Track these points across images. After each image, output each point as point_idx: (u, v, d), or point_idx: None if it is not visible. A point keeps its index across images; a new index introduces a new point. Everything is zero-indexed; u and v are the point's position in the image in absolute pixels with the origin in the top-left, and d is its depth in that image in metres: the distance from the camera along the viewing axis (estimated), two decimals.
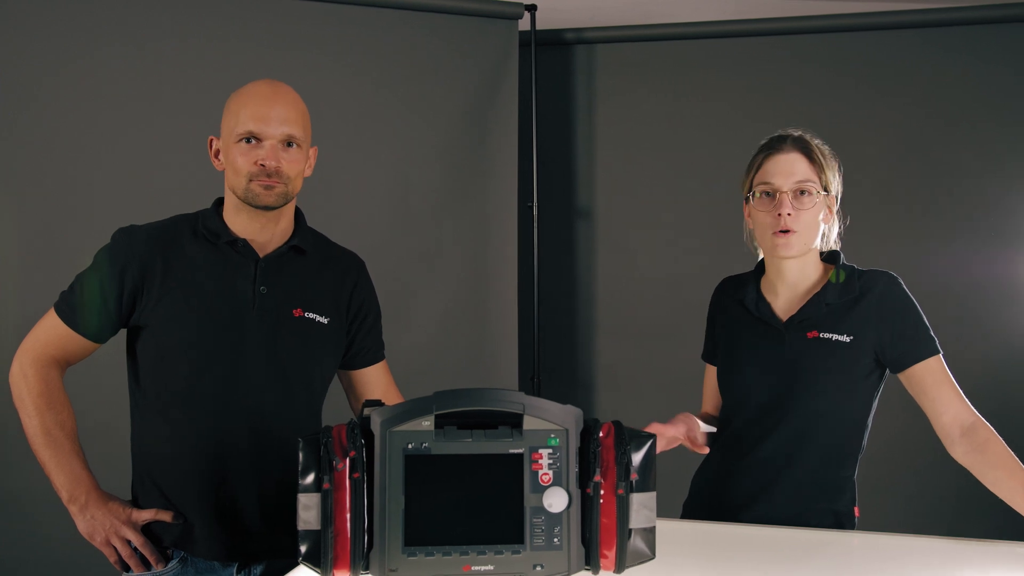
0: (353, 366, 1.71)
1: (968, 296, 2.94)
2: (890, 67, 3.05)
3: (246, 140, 1.50)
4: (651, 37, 3.26)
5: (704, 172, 3.22)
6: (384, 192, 2.89)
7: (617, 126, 3.30)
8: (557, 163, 3.31)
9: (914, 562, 1.38)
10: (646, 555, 1.16)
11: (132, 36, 2.62)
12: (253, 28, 2.73)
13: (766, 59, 3.15)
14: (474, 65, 2.99)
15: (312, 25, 2.79)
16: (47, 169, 2.55)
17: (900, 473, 2.86)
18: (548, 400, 1.14)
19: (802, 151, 1.62)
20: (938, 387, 1.56)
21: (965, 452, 1.52)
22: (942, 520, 2.86)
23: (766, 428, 1.64)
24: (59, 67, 2.56)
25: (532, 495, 1.12)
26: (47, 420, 1.51)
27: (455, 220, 2.99)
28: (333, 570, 1.09)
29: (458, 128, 2.99)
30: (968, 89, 2.99)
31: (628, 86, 3.29)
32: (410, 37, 2.90)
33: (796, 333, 1.63)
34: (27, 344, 1.55)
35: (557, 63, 3.30)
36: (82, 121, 2.57)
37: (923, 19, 3.02)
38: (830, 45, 3.09)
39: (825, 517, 1.62)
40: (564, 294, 3.34)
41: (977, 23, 2.97)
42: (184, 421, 1.51)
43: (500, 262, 3.05)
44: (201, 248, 1.54)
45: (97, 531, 1.49)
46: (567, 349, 3.35)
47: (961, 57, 2.99)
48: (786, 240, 1.60)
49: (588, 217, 3.35)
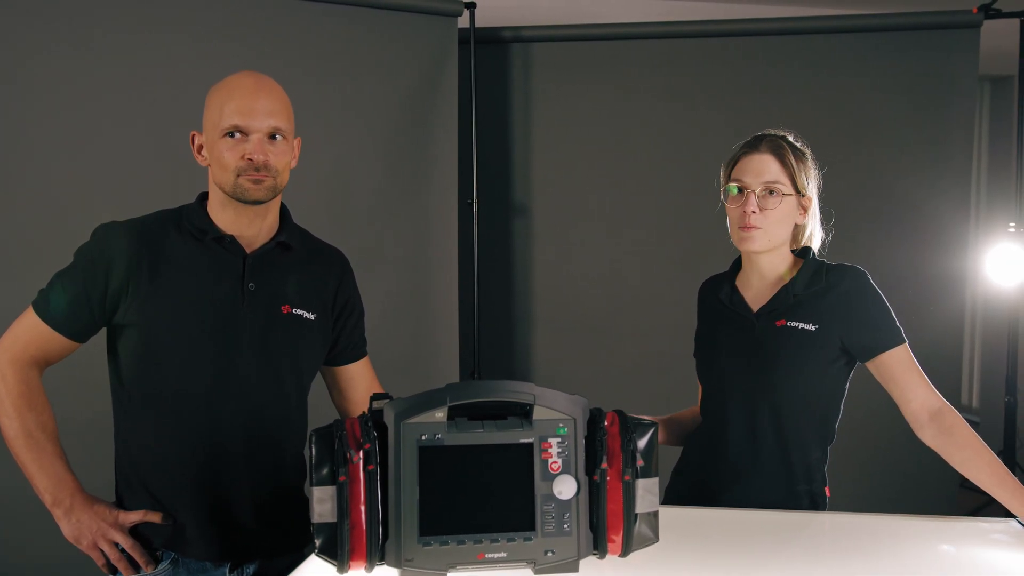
0: (338, 362, 1.71)
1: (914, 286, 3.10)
2: (808, 69, 3.22)
3: (231, 134, 1.48)
4: (586, 37, 3.36)
5: (639, 168, 3.32)
6: (323, 189, 2.87)
7: (554, 123, 3.38)
8: (496, 160, 3.35)
9: (887, 539, 1.45)
10: (651, 539, 1.20)
11: (91, 32, 2.56)
12: (199, 20, 2.67)
13: (694, 59, 3.29)
14: (414, 61, 3.01)
15: (253, 18, 2.76)
16: (23, 165, 2.48)
17: (869, 456, 2.98)
18: (556, 391, 1.17)
19: (775, 153, 1.69)
20: (906, 375, 1.64)
21: (933, 435, 1.60)
22: (909, 500, 3.01)
23: (739, 413, 1.71)
24: (39, 62, 2.49)
25: (542, 483, 1.15)
26: (28, 422, 1.46)
27: (395, 216, 3.00)
28: (350, 562, 1.10)
29: (398, 124, 3.01)
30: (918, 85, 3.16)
31: (564, 84, 3.36)
32: (349, 32, 2.90)
33: (765, 322, 1.71)
34: (4, 344, 1.50)
35: (495, 61, 3.36)
36: (57, 116, 2.51)
37: (855, 24, 3.23)
38: (756, 45, 3.26)
39: (801, 499, 1.69)
40: (503, 290, 3.40)
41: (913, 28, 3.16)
42: (173, 420, 1.49)
43: (440, 258, 3.08)
44: (187, 244, 1.52)
45: (83, 535, 1.46)
46: (506, 344, 3.41)
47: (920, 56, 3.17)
48: (749, 235, 1.68)
49: (526, 213, 3.40)
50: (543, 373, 3.39)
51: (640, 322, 3.32)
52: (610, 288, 3.33)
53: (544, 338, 3.41)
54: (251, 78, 1.51)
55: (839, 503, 1.76)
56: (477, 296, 3.18)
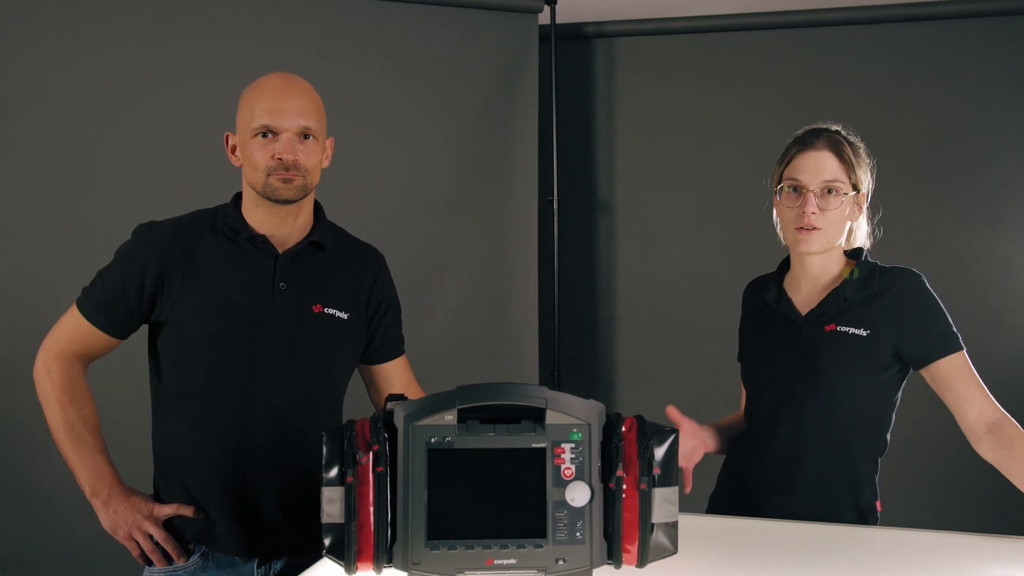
0: (373, 361, 1.71)
1: (1003, 291, 2.92)
2: (916, 58, 3.02)
3: (262, 135, 1.49)
4: (672, 30, 3.24)
5: (725, 165, 3.20)
6: (404, 187, 2.89)
7: (637, 120, 3.29)
8: (577, 157, 3.30)
9: (938, 558, 1.37)
10: (668, 550, 1.15)
11: (149, 31, 2.63)
12: (269, 23, 2.74)
13: (787, 51, 3.13)
14: (494, 59, 2.99)
15: (329, 20, 2.79)
16: (69, 165, 2.57)
17: (924, 469, 2.84)
18: (570, 395, 1.14)
19: (833, 149, 1.61)
20: (962, 383, 1.55)
21: (991, 448, 1.51)
22: (967, 517, 2.84)
23: (784, 420, 1.64)
24: (76, 64, 2.57)
25: (554, 489, 1.11)
26: (70, 415, 1.51)
27: (475, 215, 2.99)
28: (357, 563, 1.10)
29: (478, 122, 2.99)
30: (993, 80, 2.96)
31: (648, 79, 3.27)
32: (429, 32, 2.90)
33: (814, 326, 1.64)
34: (50, 340, 1.56)
35: (577, 57, 3.29)
36: (101, 117, 2.59)
37: (947, 11, 3.00)
38: (852, 36, 3.07)
39: (848, 511, 1.61)
40: (584, 288, 3.34)
41: (1000, 14, 2.95)
42: (205, 417, 1.51)
43: (520, 257, 3.05)
44: (220, 244, 1.55)
45: (119, 525, 1.50)
46: (587, 343, 3.35)
47: (985, 48, 2.96)
48: (808, 237, 1.61)
49: (608, 211, 3.34)
50: (625, 373, 3.32)
51: (725, 322, 3.19)
52: (695, 287, 3.24)
53: (627, 337, 3.34)
54: (281, 78, 1.52)
55: (894, 519, 1.67)
56: (557, 294, 3.15)
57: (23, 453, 2.45)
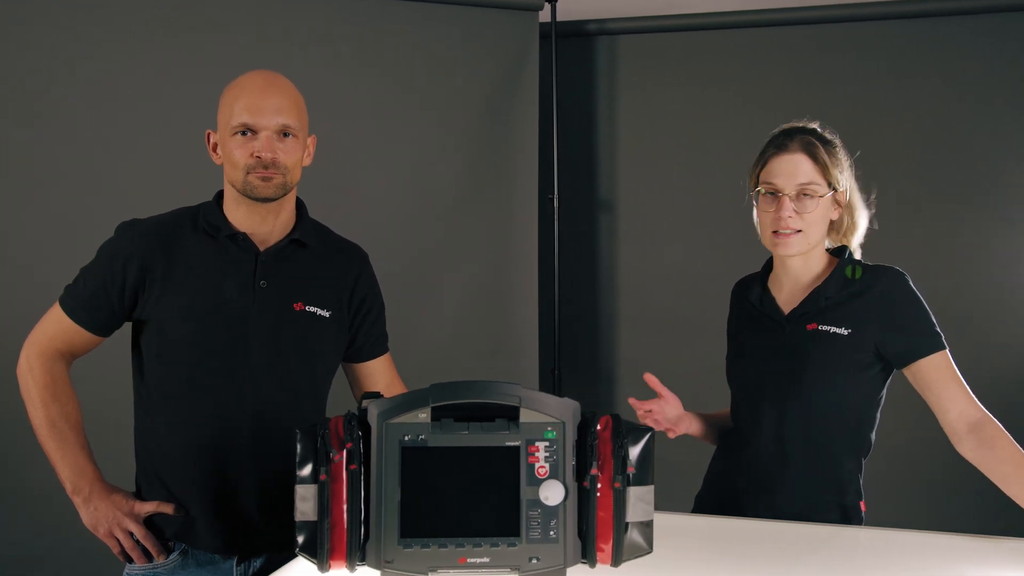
0: (357, 359, 1.71)
1: (1002, 289, 2.91)
2: (912, 55, 3.01)
3: (241, 132, 1.49)
4: (673, 28, 3.22)
5: (727, 163, 3.16)
6: (404, 186, 2.89)
7: (639, 118, 3.28)
8: (578, 155, 3.29)
9: (921, 558, 1.37)
10: (643, 549, 1.15)
11: (149, 31, 2.62)
12: (269, 23, 2.73)
13: (789, 48, 3.12)
14: (494, 57, 2.99)
15: (329, 19, 2.79)
16: (69, 165, 2.56)
17: (908, 470, 2.83)
18: (545, 393, 1.14)
19: (806, 151, 1.61)
20: (943, 383, 1.55)
21: (972, 448, 1.51)
22: (951, 518, 2.83)
23: (768, 419, 1.65)
24: (76, 64, 2.56)
25: (528, 488, 1.11)
26: (52, 412, 1.52)
27: (475, 213, 2.99)
28: (329, 561, 1.09)
29: (478, 121, 2.99)
30: (989, 78, 2.95)
31: (650, 77, 3.25)
32: (429, 30, 2.90)
33: (796, 325, 1.64)
34: (33, 337, 1.56)
35: (578, 54, 3.28)
36: (86, 115, 2.58)
37: (942, 8, 2.99)
38: (852, 34, 3.06)
39: (832, 511, 1.61)
40: (585, 287, 3.33)
41: (995, 11, 2.94)
42: (186, 415, 1.51)
43: (521, 255, 3.05)
44: (202, 242, 1.55)
45: (100, 522, 1.50)
46: (588, 342, 3.34)
47: (982, 45, 2.95)
48: (786, 240, 1.61)
49: (609, 209, 3.33)
50: (626, 371, 3.31)
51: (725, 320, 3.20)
52: (696, 285, 3.22)
53: (628, 335, 3.33)
54: (261, 76, 1.52)
55: (879, 519, 1.66)
56: (558, 292, 3.14)
57: (23, 453, 2.44)
